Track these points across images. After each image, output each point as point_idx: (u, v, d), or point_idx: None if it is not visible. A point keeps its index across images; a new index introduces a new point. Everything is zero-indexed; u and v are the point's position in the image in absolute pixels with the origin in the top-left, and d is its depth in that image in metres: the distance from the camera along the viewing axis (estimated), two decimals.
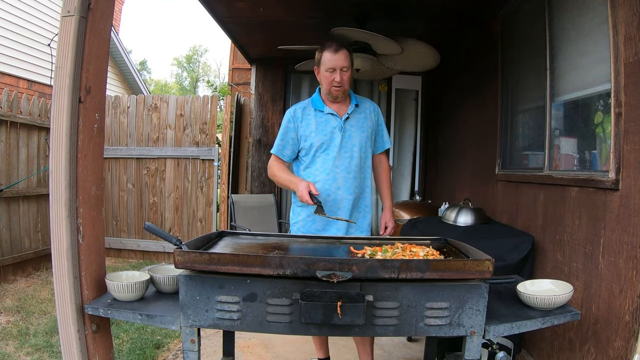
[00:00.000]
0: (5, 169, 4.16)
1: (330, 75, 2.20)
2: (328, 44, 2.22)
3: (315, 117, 2.30)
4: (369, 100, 2.44)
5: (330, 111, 2.29)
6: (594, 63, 2.20)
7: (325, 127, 2.28)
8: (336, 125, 2.28)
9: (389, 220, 2.40)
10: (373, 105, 2.42)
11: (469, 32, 3.99)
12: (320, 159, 2.28)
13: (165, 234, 1.59)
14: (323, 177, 2.26)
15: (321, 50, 2.24)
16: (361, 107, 2.36)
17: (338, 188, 2.26)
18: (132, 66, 9.76)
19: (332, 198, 2.25)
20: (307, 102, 2.36)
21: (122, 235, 5.41)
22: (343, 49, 2.20)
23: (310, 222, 2.31)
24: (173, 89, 31.20)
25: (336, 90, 2.23)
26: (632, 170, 1.82)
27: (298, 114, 2.31)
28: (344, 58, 2.19)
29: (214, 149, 5.23)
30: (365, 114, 2.35)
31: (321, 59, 2.23)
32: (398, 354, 2.94)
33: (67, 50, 1.52)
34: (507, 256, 2.50)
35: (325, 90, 2.27)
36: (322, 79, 2.26)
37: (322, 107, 2.30)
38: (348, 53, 2.22)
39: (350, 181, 2.27)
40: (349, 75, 2.23)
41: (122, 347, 2.86)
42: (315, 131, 2.27)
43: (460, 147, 4.32)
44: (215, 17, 3.96)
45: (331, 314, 1.32)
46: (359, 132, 2.30)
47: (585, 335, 2.08)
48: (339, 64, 2.18)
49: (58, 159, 1.53)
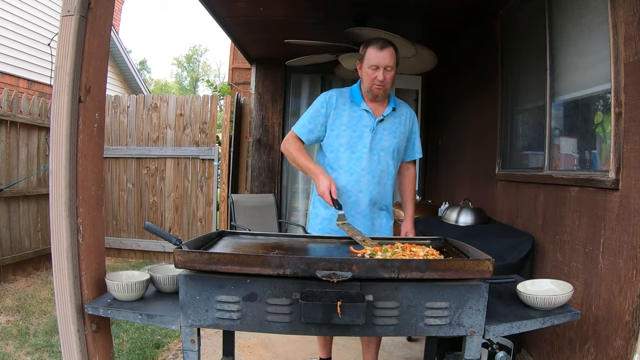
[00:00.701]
0: (5, 168, 4.16)
1: (372, 73, 2.08)
2: (374, 40, 2.10)
3: (350, 109, 2.17)
4: (407, 105, 2.32)
5: (366, 108, 2.16)
6: (594, 63, 2.20)
7: (358, 124, 2.16)
8: (368, 125, 2.16)
9: (410, 230, 2.29)
10: (410, 111, 2.30)
11: (469, 32, 3.99)
12: (345, 156, 2.16)
13: (165, 233, 1.59)
14: (347, 176, 2.15)
15: (366, 46, 2.12)
16: (398, 111, 2.23)
17: (360, 191, 2.15)
18: (132, 66, 9.75)
19: (352, 200, 2.15)
20: (345, 91, 2.23)
21: (122, 235, 5.41)
22: (389, 46, 2.08)
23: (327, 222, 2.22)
24: (173, 88, 31.20)
25: (377, 89, 2.11)
26: (632, 170, 1.82)
27: (333, 101, 2.17)
28: (389, 56, 2.07)
29: (213, 148, 5.23)
30: (401, 119, 2.23)
31: (365, 54, 2.11)
32: (398, 354, 2.94)
33: (67, 49, 1.52)
34: (507, 256, 2.50)
35: (366, 87, 2.15)
36: (363, 75, 2.14)
37: (359, 102, 2.18)
38: (394, 51, 2.10)
39: (373, 185, 2.16)
40: (392, 75, 2.11)
41: (122, 347, 2.86)
42: (346, 124, 2.16)
43: (460, 147, 4.32)
44: (215, 16, 3.96)
45: (331, 314, 1.32)
46: (390, 137, 2.18)
47: (585, 335, 2.08)
48: (384, 62, 2.06)
49: (58, 159, 1.53)
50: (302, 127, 2.19)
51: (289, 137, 2.21)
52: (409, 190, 2.39)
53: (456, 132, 4.53)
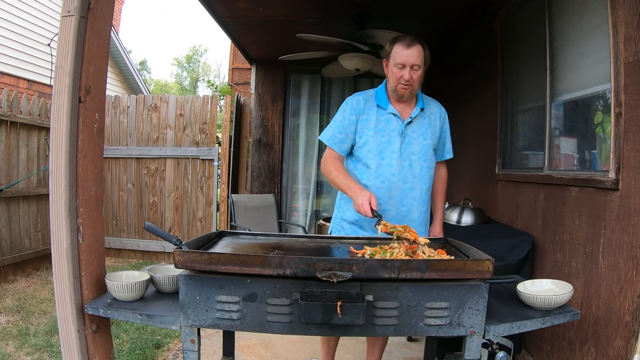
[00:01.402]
0: (5, 169, 4.16)
1: (398, 72, 1.98)
2: (401, 37, 2.00)
3: (377, 114, 2.08)
4: (436, 103, 2.20)
5: (394, 111, 2.07)
6: (594, 63, 2.20)
7: (385, 128, 2.07)
8: (396, 129, 2.07)
9: (438, 233, 2.21)
10: (440, 109, 2.19)
11: (469, 32, 3.99)
12: (374, 163, 2.06)
13: (165, 233, 1.59)
14: (377, 184, 2.06)
15: (392, 43, 2.02)
16: (427, 110, 2.13)
17: (391, 197, 2.06)
18: (132, 66, 9.76)
19: (382, 208, 2.04)
20: (370, 94, 2.13)
21: (122, 235, 5.41)
22: (417, 44, 1.97)
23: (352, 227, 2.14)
24: (173, 88, 31.20)
25: (403, 89, 2.01)
26: (632, 170, 1.82)
27: (361, 106, 2.08)
28: (416, 55, 1.96)
29: (214, 148, 5.23)
30: (430, 118, 2.13)
31: (391, 52, 2.01)
32: (398, 354, 2.93)
33: (67, 50, 1.52)
34: (507, 256, 2.50)
35: (392, 86, 2.04)
36: (389, 74, 2.05)
37: (385, 105, 2.08)
38: (422, 49, 1.99)
39: (406, 191, 2.07)
40: (419, 74, 2.00)
41: (122, 347, 2.86)
42: (373, 130, 2.06)
43: (460, 147, 4.30)
44: (215, 17, 3.96)
45: (331, 314, 1.32)
46: (420, 139, 2.09)
47: (585, 335, 2.08)
48: (410, 61, 1.96)
49: (58, 159, 1.53)
50: (335, 140, 2.11)
51: (326, 157, 2.12)
52: (439, 193, 2.29)
53: (456, 131, 4.50)
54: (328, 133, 2.13)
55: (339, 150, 2.11)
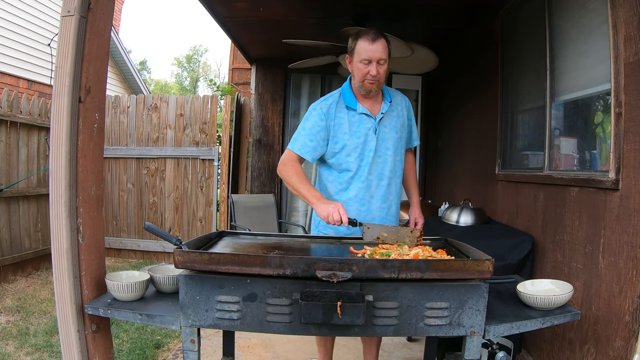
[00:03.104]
0: (5, 169, 4.16)
1: (364, 68, 1.95)
2: (364, 32, 1.96)
3: (348, 115, 2.05)
4: (399, 94, 2.19)
5: (364, 110, 2.05)
6: (594, 63, 2.20)
7: (359, 129, 2.04)
8: (370, 127, 2.04)
9: (418, 216, 2.22)
10: (404, 100, 2.18)
11: (469, 32, 3.99)
12: (354, 165, 2.05)
13: (165, 233, 1.59)
14: (359, 185, 2.05)
15: (355, 38, 1.98)
16: (393, 102, 2.12)
17: (372, 197, 2.07)
18: (132, 66, 9.76)
19: (365, 208, 2.06)
20: (336, 97, 2.08)
21: (122, 235, 5.41)
22: (381, 38, 1.94)
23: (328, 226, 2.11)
24: (173, 88, 31.18)
25: (370, 84, 1.98)
26: (632, 170, 1.82)
27: (332, 111, 2.04)
28: (381, 49, 1.93)
29: (214, 148, 5.23)
30: (398, 110, 2.13)
31: (355, 47, 1.97)
32: (398, 354, 2.94)
33: (67, 50, 1.53)
34: (507, 256, 2.50)
35: (358, 83, 2.01)
36: (354, 70, 2.01)
37: (354, 106, 2.05)
38: (386, 43, 1.96)
39: (383, 189, 2.09)
40: (385, 68, 1.97)
41: (122, 347, 2.86)
42: (348, 133, 2.03)
43: (460, 147, 4.32)
44: (215, 17, 3.96)
45: (331, 314, 1.32)
46: (392, 133, 2.09)
47: (585, 335, 2.08)
48: (376, 56, 1.92)
49: (58, 159, 1.53)
50: (303, 146, 2.02)
51: (286, 160, 2.03)
52: (410, 178, 2.32)
53: (456, 132, 4.53)
54: (298, 143, 2.04)
55: (309, 157, 2.03)
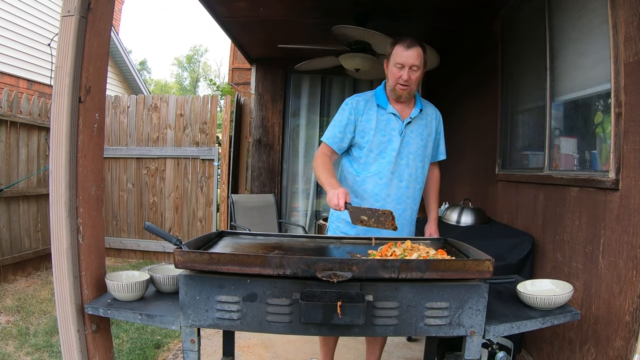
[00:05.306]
0: (5, 168, 4.16)
1: (397, 72, 2.05)
2: (402, 39, 2.06)
3: (377, 113, 2.14)
4: (432, 106, 2.29)
5: (393, 111, 2.13)
6: (594, 63, 2.20)
7: (386, 128, 2.13)
8: (396, 128, 2.13)
9: (434, 232, 2.29)
10: (436, 112, 2.27)
11: (469, 32, 3.99)
12: (375, 161, 2.13)
13: (165, 233, 1.59)
14: (377, 180, 2.12)
15: (393, 44, 2.09)
16: (424, 112, 2.20)
17: (388, 195, 2.12)
18: (132, 66, 9.75)
19: (380, 205, 2.10)
20: (370, 95, 2.20)
21: (122, 235, 5.41)
22: (417, 46, 2.04)
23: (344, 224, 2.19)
24: (173, 88, 31.18)
25: (401, 89, 2.07)
26: (632, 170, 1.82)
27: (360, 106, 2.14)
28: (415, 56, 2.03)
29: (214, 148, 5.23)
30: (427, 120, 2.21)
31: (392, 52, 2.08)
32: (398, 354, 2.94)
33: (67, 50, 1.52)
34: (507, 256, 2.50)
35: (390, 86, 2.11)
36: (389, 74, 2.11)
37: (385, 105, 2.14)
38: (422, 52, 2.06)
39: (402, 190, 2.14)
40: (418, 75, 2.07)
41: (122, 347, 2.86)
42: (374, 129, 2.12)
43: (460, 147, 4.32)
44: (215, 17, 3.96)
45: (331, 314, 1.32)
46: (417, 140, 2.16)
47: (585, 335, 2.08)
48: (409, 62, 2.02)
49: (58, 159, 1.53)
50: (333, 137, 2.16)
51: (318, 153, 2.17)
52: (432, 192, 2.38)
53: (456, 131, 4.51)
54: (329, 133, 2.18)
55: (337, 148, 2.17)
